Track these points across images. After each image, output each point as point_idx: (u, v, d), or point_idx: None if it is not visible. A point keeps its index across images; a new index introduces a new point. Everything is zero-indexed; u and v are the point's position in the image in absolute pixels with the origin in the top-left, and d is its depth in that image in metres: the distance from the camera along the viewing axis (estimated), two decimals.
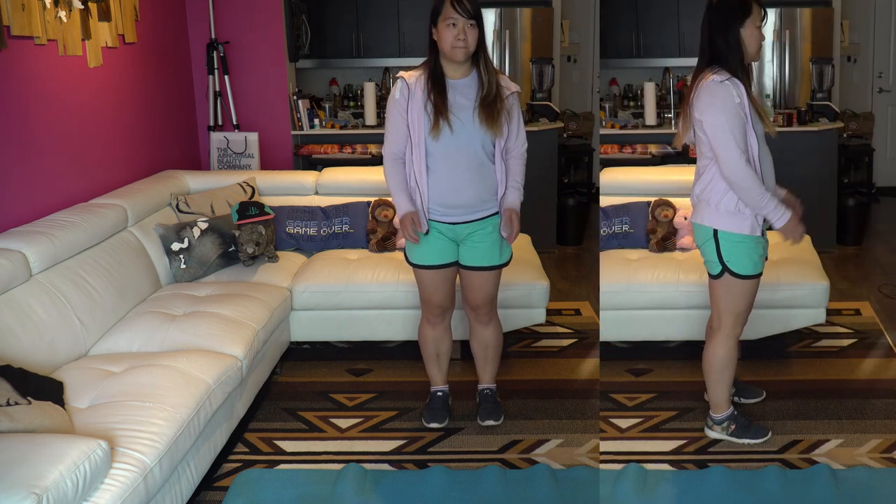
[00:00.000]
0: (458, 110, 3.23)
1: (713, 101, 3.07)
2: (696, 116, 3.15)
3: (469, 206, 3.32)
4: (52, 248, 3.39)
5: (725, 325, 3.32)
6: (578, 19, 7.61)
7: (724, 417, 3.43)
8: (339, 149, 6.15)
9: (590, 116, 7.26)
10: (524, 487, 3.14)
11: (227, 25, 5.79)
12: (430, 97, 3.23)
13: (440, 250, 3.38)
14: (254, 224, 4.31)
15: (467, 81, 3.27)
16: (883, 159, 7.72)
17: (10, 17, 3.48)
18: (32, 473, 2.15)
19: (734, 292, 3.27)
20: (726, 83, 3.08)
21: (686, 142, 3.34)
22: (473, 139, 3.25)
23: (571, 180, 6.76)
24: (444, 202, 3.31)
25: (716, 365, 3.36)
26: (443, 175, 3.28)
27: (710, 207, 3.21)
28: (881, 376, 4.00)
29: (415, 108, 3.24)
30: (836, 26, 6.92)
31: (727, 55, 3.11)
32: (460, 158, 3.26)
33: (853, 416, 3.60)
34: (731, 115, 3.05)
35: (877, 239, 6.43)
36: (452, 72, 3.26)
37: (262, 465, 3.34)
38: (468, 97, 3.25)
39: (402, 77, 3.29)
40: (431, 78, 3.25)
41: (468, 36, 3.15)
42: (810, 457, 3.30)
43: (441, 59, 3.25)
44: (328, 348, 4.47)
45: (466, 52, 3.18)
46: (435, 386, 3.70)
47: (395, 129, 3.31)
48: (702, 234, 3.29)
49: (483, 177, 3.31)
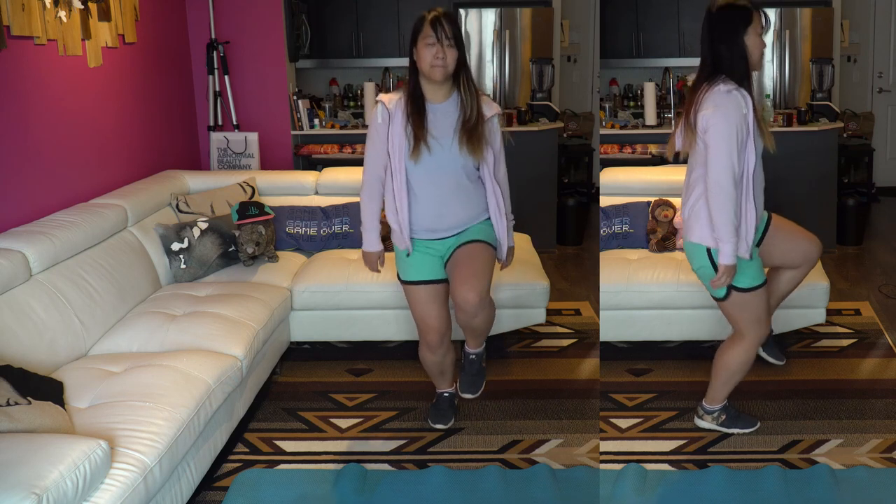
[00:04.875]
0: (438, 134, 3.20)
1: (720, 110, 2.98)
2: (700, 125, 3.04)
3: (455, 227, 3.31)
4: (52, 248, 3.40)
5: (748, 335, 3.28)
6: (578, 19, 7.61)
7: (716, 409, 3.45)
8: (339, 149, 6.15)
9: (590, 116, 7.27)
10: (524, 487, 3.14)
11: (227, 25, 5.79)
12: (409, 120, 3.19)
13: (430, 266, 3.34)
14: (254, 224, 4.31)
15: (447, 105, 3.22)
16: (883, 159, 7.72)
17: (10, 17, 3.48)
18: (32, 473, 2.15)
19: (748, 306, 3.22)
20: (735, 93, 3.00)
21: (679, 150, 3.23)
22: (455, 163, 3.22)
23: (571, 180, 6.76)
24: (430, 227, 3.30)
25: (732, 366, 3.34)
26: (426, 200, 3.25)
27: (700, 222, 3.12)
28: (881, 376, 4.00)
29: (395, 131, 3.21)
30: (836, 26, 6.93)
31: (731, 64, 3.03)
32: (443, 183, 3.23)
33: (853, 416, 3.60)
34: (734, 127, 2.97)
35: (877, 239, 6.43)
36: (432, 94, 3.22)
37: (262, 465, 3.34)
38: (449, 120, 3.21)
39: (381, 101, 3.24)
40: (411, 100, 3.20)
41: (447, 55, 3.12)
42: (810, 457, 3.30)
43: (421, 79, 3.21)
44: (328, 348, 4.47)
45: (445, 71, 3.14)
46: (441, 388, 3.69)
47: (375, 153, 3.27)
48: (695, 254, 3.19)
49: (467, 200, 3.29)
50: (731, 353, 3.34)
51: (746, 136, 3.01)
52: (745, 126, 3.00)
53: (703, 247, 3.14)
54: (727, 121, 2.97)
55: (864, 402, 3.72)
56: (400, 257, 3.38)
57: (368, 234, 3.38)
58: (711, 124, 3.00)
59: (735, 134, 2.97)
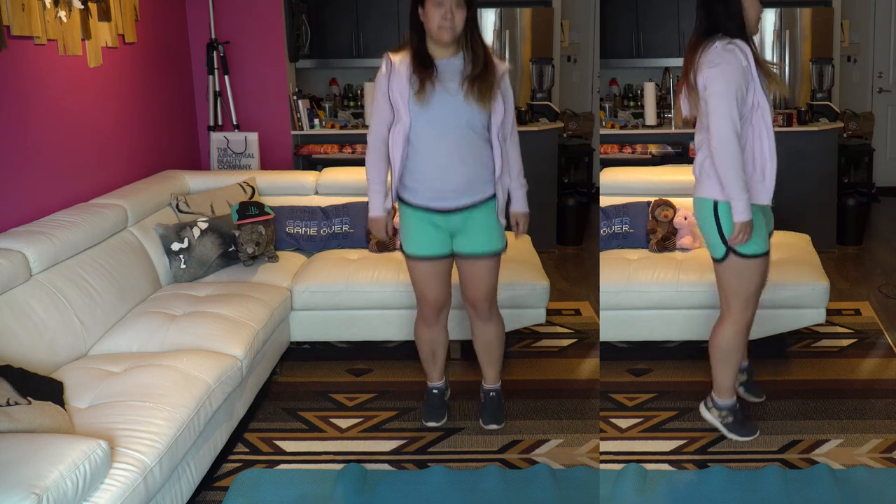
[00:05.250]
0: (446, 82, 3.15)
1: (718, 66, 3.00)
2: (700, 83, 3.06)
3: (460, 189, 3.23)
4: (52, 248, 3.39)
5: (735, 311, 3.27)
6: (578, 19, 7.61)
7: (726, 405, 3.40)
8: (339, 149, 6.15)
9: (590, 116, 7.27)
10: (524, 487, 3.14)
11: (227, 25, 5.79)
12: (414, 70, 3.15)
13: (435, 241, 3.31)
14: (254, 224, 4.31)
15: (454, 60, 3.19)
16: (883, 159, 7.72)
17: (10, 17, 3.48)
18: (32, 473, 2.15)
19: (741, 274, 3.21)
20: (732, 47, 3.01)
21: (687, 115, 3.24)
22: (460, 116, 3.15)
23: (571, 180, 6.76)
24: (433, 186, 3.22)
25: (723, 346, 3.32)
26: (430, 158, 3.19)
27: (710, 179, 3.14)
28: (881, 376, 4.00)
29: (398, 82, 3.16)
30: (836, 26, 6.93)
31: (728, 23, 3.04)
32: (447, 138, 3.16)
33: (853, 416, 3.60)
34: (734, 84, 2.98)
35: (877, 239, 6.43)
36: (439, 52, 3.18)
37: (262, 465, 3.34)
38: (454, 74, 3.17)
39: (387, 55, 3.23)
40: (416, 54, 3.17)
41: (455, 16, 3.08)
42: (810, 457, 3.30)
43: (427, 40, 3.18)
44: (328, 348, 4.47)
45: (453, 32, 3.10)
46: (431, 382, 3.69)
47: (378, 109, 3.23)
48: (702, 210, 3.21)
49: (474, 158, 3.21)
50: (719, 333, 3.34)
51: (749, 88, 3.01)
52: (747, 79, 3.01)
53: (709, 201, 3.16)
54: (726, 78, 2.99)
55: (864, 402, 3.72)
56: (404, 228, 3.35)
57: (374, 196, 3.32)
58: (710, 82, 3.02)
59: (734, 91, 2.99)
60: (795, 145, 5.77)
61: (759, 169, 3.11)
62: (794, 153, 5.69)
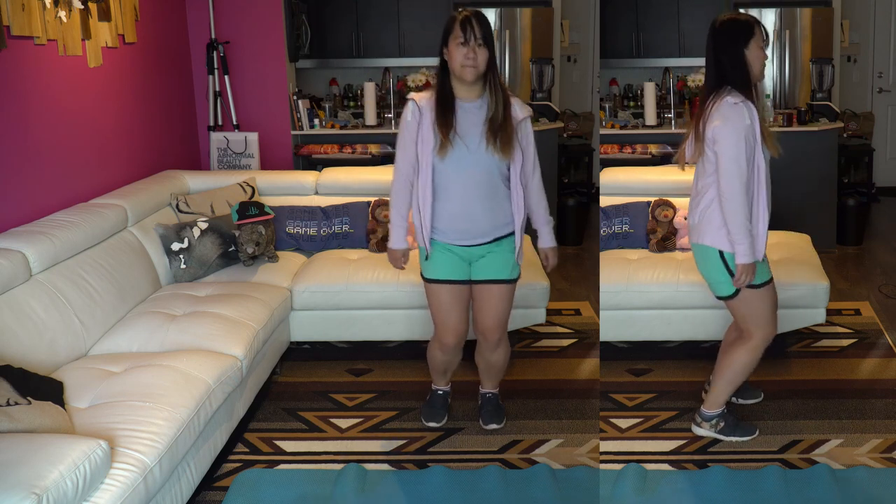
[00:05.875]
0: (467, 132, 3.19)
1: (727, 122, 3.09)
2: (708, 135, 3.15)
3: (483, 232, 3.29)
4: (52, 248, 3.39)
5: (756, 336, 3.31)
6: (578, 19, 7.61)
7: (714, 415, 3.44)
8: (339, 149, 6.15)
9: (590, 116, 7.27)
10: (524, 487, 3.14)
11: (227, 25, 5.79)
12: (436, 121, 3.19)
13: (454, 266, 3.34)
14: (254, 224, 4.31)
15: (479, 104, 3.22)
16: (883, 159, 7.72)
17: (10, 17, 3.48)
18: (32, 473, 2.15)
19: (757, 304, 3.27)
20: (740, 105, 3.10)
21: (689, 161, 3.31)
22: (482, 162, 3.20)
23: (571, 180, 6.77)
24: (457, 228, 3.28)
25: (736, 367, 3.35)
26: (454, 201, 3.24)
27: (712, 227, 3.19)
28: (881, 376, 4.00)
29: (425, 128, 3.21)
30: (836, 26, 6.93)
31: (734, 76, 3.14)
32: (471, 182, 3.21)
33: (853, 416, 3.60)
34: (742, 137, 3.07)
35: (877, 239, 6.43)
36: (463, 93, 3.22)
37: (262, 465, 3.34)
38: (477, 119, 3.21)
39: (412, 99, 3.26)
40: (440, 98, 3.21)
41: (478, 55, 3.13)
42: (810, 457, 3.30)
43: (452, 80, 3.21)
44: (328, 348, 4.47)
45: (476, 71, 3.15)
46: (437, 385, 3.70)
47: (404, 152, 3.27)
48: (705, 255, 3.26)
49: (497, 202, 3.26)
50: (737, 353, 3.36)
51: (755, 144, 3.12)
52: (752, 135, 3.11)
53: (714, 250, 3.20)
54: (735, 132, 3.08)
55: (864, 402, 3.72)
56: (423, 256, 3.38)
57: (395, 230, 3.38)
58: (720, 136, 3.11)
59: (744, 143, 3.08)
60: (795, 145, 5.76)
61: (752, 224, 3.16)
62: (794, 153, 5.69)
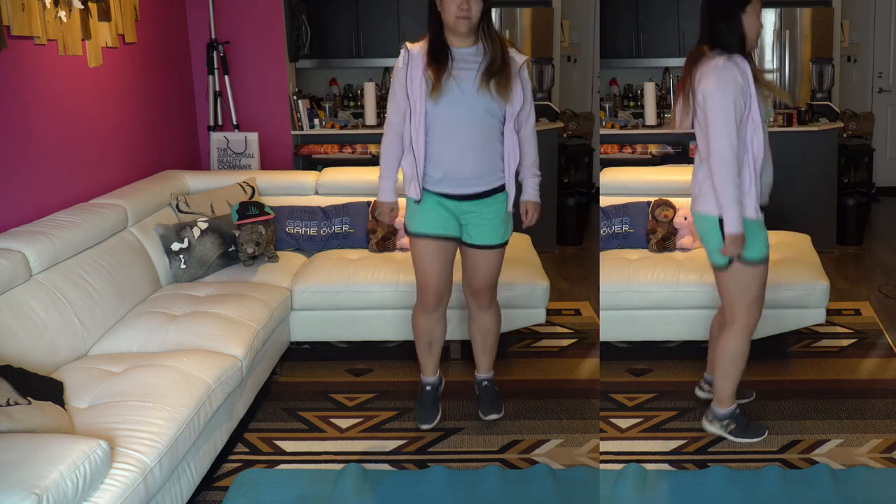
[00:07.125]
0: (460, 76, 3.18)
1: (717, 84, 3.04)
2: (698, 96, 3.11)
3: (475, 176, 3.27)
4: (52, 248, 3.39)
5: (740, 318, 3.29)
6: (578, 19, 7.61)
7: (727, 414, 3.41)
8: (339, 149, 6.14)
9: (590, 116, 7.26)
10: (524, 487, 3.14)
11: (227, 25, 5.79)
12: (428, 64, 3.18)
13: (441, 221, 3.32)
14: (254, 224, 4.31)
15: (472, 50, 3.22)
16: (883, 159, 7.72)
17: (10, 17, 3.48)
18: (32, 473, 2.15)
19: (745, 281, 3.23)
20: (731, 64, 3.06)
21: (681, 127, 3.28)
22: (477, 106, 3.19)
23: (571, 180, 6.76)
24: (449, 172, 3.25)
25: (726, 357, 3.33)
26: (447, 144, 3.23)
27: (712, 194, 3.16)
28: (881, 376, 4.00)
29: (415, 74, 3.20)
30: (836, 26, 6.92)
31: (728, 40, 3.09)
32: (464, 126, 3.20)
33: (853, 416, 3.60)
34: (731, 99, 3.02)
35: (877, 239, 6.43)
36: (458, 42, 3.22)
37: (262, 465, 3.34)
38: (471, 65, 3.20)
39: (405, 46, 3.26)
40: (432, 45, 3.21)
41: (472, 7, 3.12)
42: (810, 457, 3.30)
43: (445, 31, 3.21)
44: (328, 348, 4.47)
45: (470, 23, 3.13)
46: (425, 377, 3.68)
47: (395, 99, 3.27)
48: (704, 223, 3.24)
49: (490, 146, 3.25)
50: (723, 341, 3.35)
51: (746, 105, 3.06)
52: (745, 96, 3.05)
53: (714, 217, 3.16)
54: (724, 94, 3.03)
55: (864, 402, 3.72)
56: (410, 208, 3.37)
57: (385, 182, 3.37)
58: (709, 98, 3.06)
59: (732, 106, 3.03)
60: (795, 145, 5.77)
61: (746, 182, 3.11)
62: (794, 153, 5.69)
